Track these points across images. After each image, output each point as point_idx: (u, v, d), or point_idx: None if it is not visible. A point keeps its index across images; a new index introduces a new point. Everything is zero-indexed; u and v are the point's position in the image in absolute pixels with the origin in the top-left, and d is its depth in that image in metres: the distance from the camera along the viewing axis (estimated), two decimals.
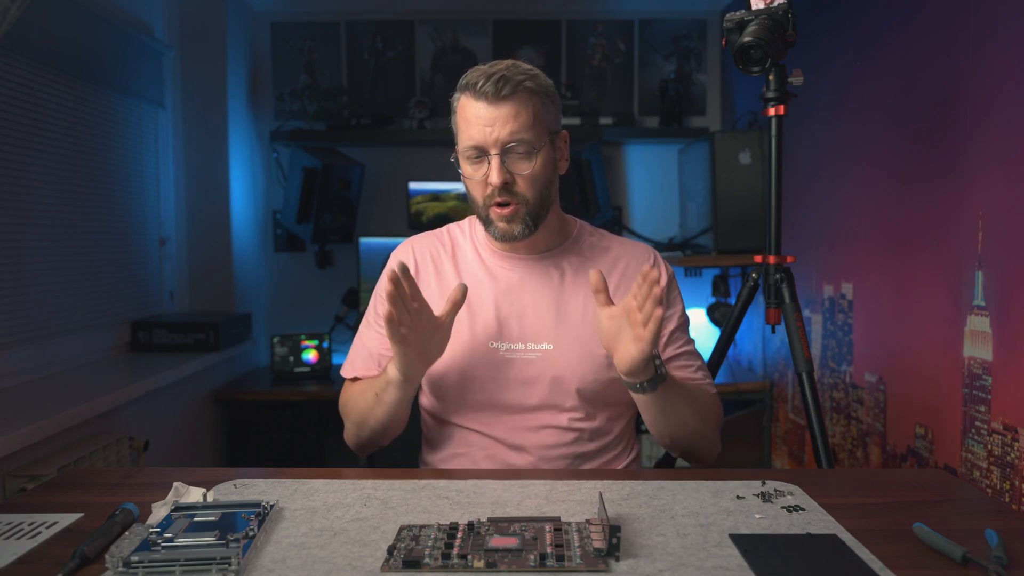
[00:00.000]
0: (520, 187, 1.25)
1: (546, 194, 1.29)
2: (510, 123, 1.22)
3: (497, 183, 1.23)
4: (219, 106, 2.99)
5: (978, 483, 1.60)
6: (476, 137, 1.23)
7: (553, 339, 1.30)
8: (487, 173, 1.24)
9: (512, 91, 1.22)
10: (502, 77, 1.21)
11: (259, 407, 2.79)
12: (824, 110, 2.38)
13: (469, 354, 1.30)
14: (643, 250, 1.41)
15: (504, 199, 1.25)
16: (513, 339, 1.30)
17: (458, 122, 1.28)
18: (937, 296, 1.76)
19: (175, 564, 0.82)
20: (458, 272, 1.36)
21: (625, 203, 3.44)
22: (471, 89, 1.23)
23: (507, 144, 1.22)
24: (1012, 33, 1.51)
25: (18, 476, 1.64)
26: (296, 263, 3.39)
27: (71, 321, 2.28)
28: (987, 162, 1.58)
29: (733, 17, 1.61)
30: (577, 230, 1.40)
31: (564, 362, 1.29)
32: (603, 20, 3.38)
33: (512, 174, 1.24)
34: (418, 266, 1.38)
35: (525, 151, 1.24)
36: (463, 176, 1.30)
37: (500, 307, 1.32)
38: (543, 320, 1.31)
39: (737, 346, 3.21)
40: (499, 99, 1.21)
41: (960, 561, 0.84)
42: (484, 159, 1.25)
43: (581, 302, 1.32)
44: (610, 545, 0.84)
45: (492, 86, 1.21)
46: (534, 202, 1.27)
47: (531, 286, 1.33)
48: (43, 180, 2.15)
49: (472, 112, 1.23)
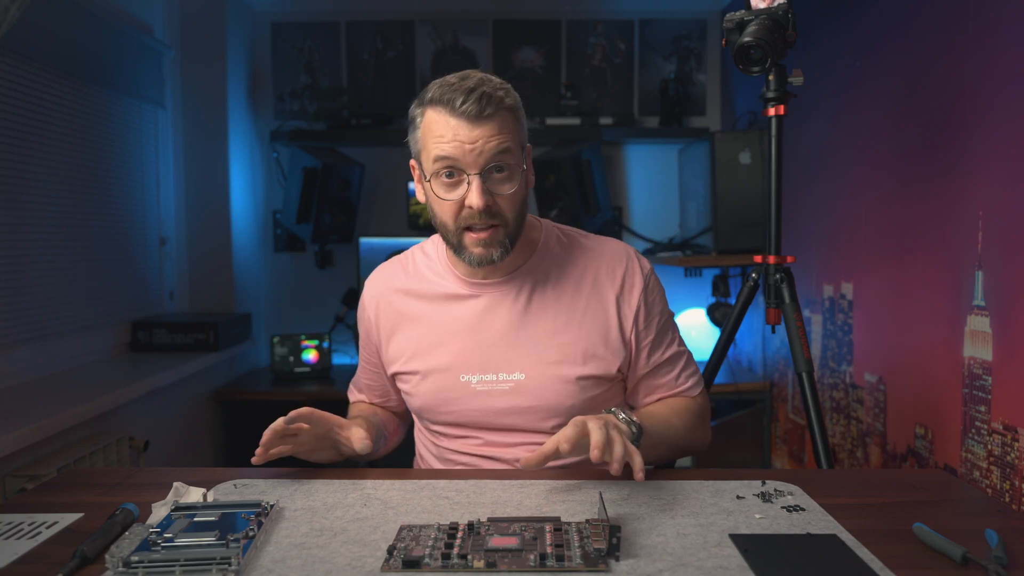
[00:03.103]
0: (502, 208, 1.18)
1: (523, 213, 1.23)
2: (493, 142, 1.14)
3: (480, 206, 1.14)
4: (219, 106, 2.99)
5: (978, 483, 1.60)
6: (453, 155, 1.14)
7: (524, 368, 1.24)
8: (465, 195, 1.16)
9: (495, 110, 1.14)
10: (483, 95, 1.13)
11: (259, 407, 2.79)
12: (824, 110, 2.38)
13: (443, 388, 1.27)
14: (614, 253, 1.31)
15: (485, 223, 1.17)
16: (484, 370, 1.25)
17: (424, 137, 1.18)
18: (937, 296, 1.76)
19: (175, 564, 0.82)
20: (423, 304, 1.31)
21: (625, 203, 3.44)
22: (446, 106, 1.14)
23: (488, 165, 1.15)
24: (1012, 33, 1.51)
25: (18, 476, 1.64)
26: (296, 263, 3.39)
27: (71, 321, 2.28)
28: (987, 162, 1.58)
29: (733, 17, 1.61)
30: (543, 237, 1.31)
31: (538, 390, 1.24)
32: (603, 20, 3.38)
33: (492, 196, 1.16)
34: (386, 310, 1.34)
35: (506, 172, 1.17)
36: (431, 197, 1.20)
37: (468, 338, 1.27)
38: (512, 348, 1.25)
39: (737, 346, 3.22)
40: (481, 118, 1.13)
41: (960, 561, 0.84)
42: (459, 179, 1.16)
43: (551, 325, 1.26)
44: (610, 545, 0.84)
45: (475, 105, 1.12)
46: (514, 223, 1.20)
47: (499, 313, 1.27)
48: (43, 180, 2.15)
49: (447, 130, 1.14)
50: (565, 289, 1.28)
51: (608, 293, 1.28)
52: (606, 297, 1.28)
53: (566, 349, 1.25)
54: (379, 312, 1.35)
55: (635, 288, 1.28)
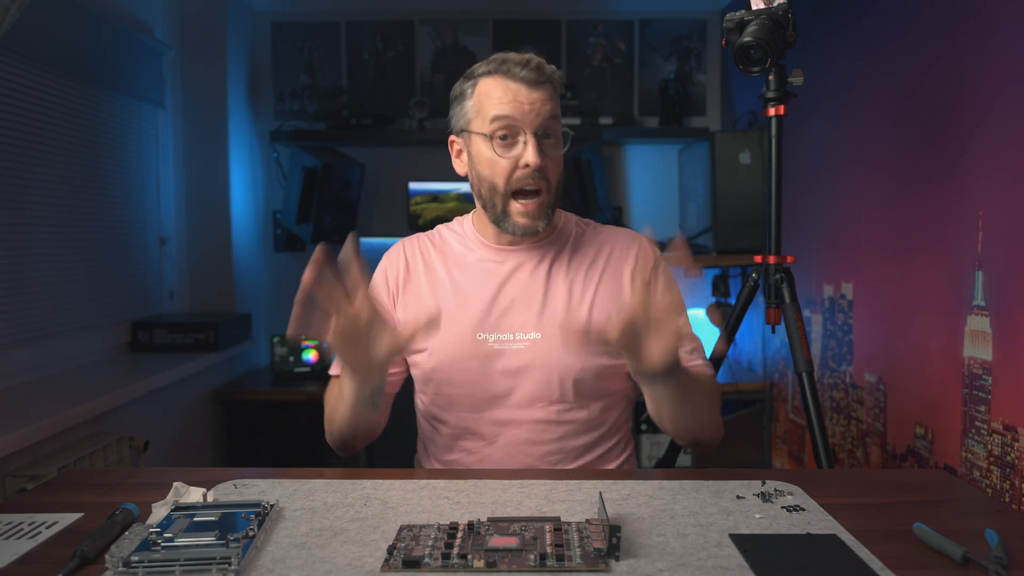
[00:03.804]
0: (549, 171, 1.25)
1: (562, 182, 1.30)
2: (548, 106, 1.23)
3: (536, 163, 1.22)
4: (219, 106, 2.99)
5: (978, 483, 1.60)
6: (512, 114, 1.22)
7: (540, 328, 1.29)
8: (520, 154, 1.23)
9: (547, 79, 1.24)
10: (539, 64, 1.23)
11: (259, 407, 2.79)
12: (824, 110, 2.38)
13: (457, 346, 1.29)
14: (629, 236, 1.40)
15: (536, 184, 1.24)
16: (501, 329, 1.29)
17: (481, 102, 1.25)
18: (937, 296, 1.76)
19: (175, 564, 0.82)
20: (447, 267, 1.36)
21: (625, 203, 3.44)
22: (505, 73, 1.23)
23: (542, 127, 1.23)
24: (1012, 33, 1.51)
25: (18, 476, 1.64)
26: (296, 263, 3.39)
27: (71, 321, 2.28)
28: (987, 162, 1.58)
29: (733, 17, 1.61)
30: (564, 220, 1.40)
31: (552, 351, 1.27)
32: (603, 20, 3.38)
33: (544, 157, 1.24)
34: (408, 264, 1.38)
35: (553, 138, 1.26)
36: (483, 159, 1.26)
37: (488, 299, 1.31)
38: (530, 309, 1.30)
39: (737, 346, 3.22)
40: (538, 84, 1.23)
41: (960, 561, 0.84)
42: (515, 140, 1.24)
43: (568, 290, 1.31)
44: (610, 545, 0.84)
45: (533, 72, 1.22)
46: (556, 190, 1.28)
47: (519, 276, 1.32)
48: (43, 180, 2.15)
49: (506, 91, 1.22)
50: (583, 260, 1.35)
51: (624, 267, 1.35)
52: (622, 271, 1.34)
53: (582, 312, 1.29)
54: (400, 265, 1.38)
55: (648, 264, 1.35)
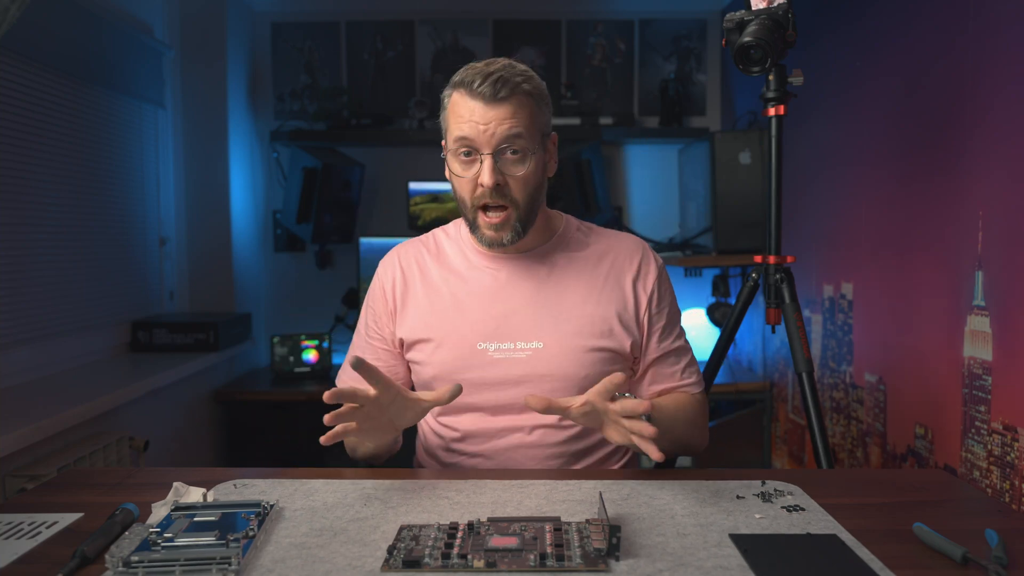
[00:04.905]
0: (512, 190, 1.23)
1: (536, 197, 1.27)
2: (505, 124, 1.20)
3: (489, 184, 1.20)
4: (219, 106, 2.99)
5: (978, 483, 1.60)
6: (469, 134, 1.21)
7: (542, 337, 1.28)
8: (478, 173, 1.22)
9: (509, 93, 1.20)
10: (500, 78, 1.19)
11: (259, 407, 2.79)
12: (824, 110, 2.38)
13: (458, 357, 1.28)
14: (632, 243, 1.38)
15: (495, 202, 1.23)
16: (502, 339, 1.28)
17: (448, 118, 1.25)
18: (937, 296, 1.76)
19: (175, 564, 0.82)
20: (444, 276, 1.34)
21: (625, 203, 3.44)
22: (466, 87, 1.21)
23: (500, 145, 1.21)
24: (1012, 33, 1.51)
25: (18, 476, 1.64)
26: (296, 263, 3.39)
27: (71, 321, 2.28)
28: (987, 162, 1.58)
29: (733, 17, 1.61)
30: (564, 226, 1.38)
31: (555, 360, 1.27)
32: (603, 20, 3.38)
33: (504, 176, 1.22)
34: (405, 275, 1.36)
35: (519, 154, 1.22)
36: (451, 174, 1.27)
37: (487, 307, 1.30)
38: (532, 318, 1.29)
39: (737, 346, 3.22)
40: (496, 100, 1.19)
41: (960, 561, 0.84)
42: (475, 158, 1.22)
43: (569, 297, 1.30)
44: (610, 545, 0.84)
45: (490, 87, 1.19)
46: (524, 206, 1.25)
47: (518, 284, 1.31)
48: (43, 180, 2.15)
49: (465, 110, 1.21)
50: (584, 267, 1.34)
51: (626, 275, 1.34)
52: (623, 279, 1.33)
53: (583, 321, 1.29)
54: (396, 277, 1.37)
55: (651, 274, 1.34)
